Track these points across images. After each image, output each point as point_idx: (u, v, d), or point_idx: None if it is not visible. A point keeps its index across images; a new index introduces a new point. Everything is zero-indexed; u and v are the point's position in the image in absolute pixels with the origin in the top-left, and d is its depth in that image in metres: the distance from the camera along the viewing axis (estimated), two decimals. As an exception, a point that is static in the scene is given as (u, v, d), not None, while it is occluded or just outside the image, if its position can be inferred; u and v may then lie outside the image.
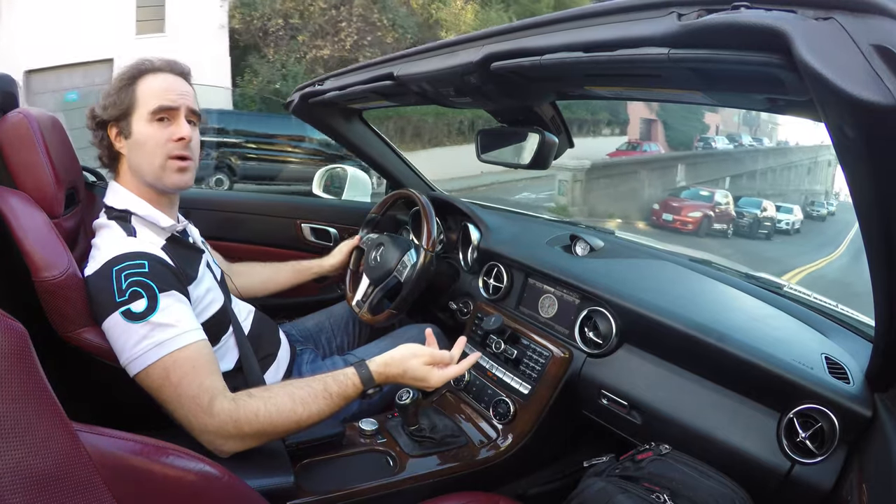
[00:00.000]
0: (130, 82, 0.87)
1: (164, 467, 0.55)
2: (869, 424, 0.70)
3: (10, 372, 0.40)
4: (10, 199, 0.82)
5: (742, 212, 11.49)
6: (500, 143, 1.10)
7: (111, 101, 0.87)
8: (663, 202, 11.04)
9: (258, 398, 0.77)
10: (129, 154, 0.88)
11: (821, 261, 9.68)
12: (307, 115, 1.44)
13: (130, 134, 0.87)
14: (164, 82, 0.88)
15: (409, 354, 0.87)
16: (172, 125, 0.87)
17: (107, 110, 0.87)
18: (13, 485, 0.39)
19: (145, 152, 0.87)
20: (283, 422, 0.77)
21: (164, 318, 0.75)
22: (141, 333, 0.74)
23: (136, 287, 0.75)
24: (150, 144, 0.86)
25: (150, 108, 0.86)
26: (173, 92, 0.88)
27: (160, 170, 0.87)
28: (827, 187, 17.12)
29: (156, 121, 0.86)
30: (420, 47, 0.92)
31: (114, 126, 0.88)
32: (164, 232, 0.89)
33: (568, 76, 0.76)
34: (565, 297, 1.11)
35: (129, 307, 0.74)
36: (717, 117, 17.32)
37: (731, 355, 0.82)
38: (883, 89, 0.36)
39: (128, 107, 0.86)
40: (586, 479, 0.80)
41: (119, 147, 0.89)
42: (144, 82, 0.87)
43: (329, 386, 0.81)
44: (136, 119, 0.86)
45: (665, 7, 0.51)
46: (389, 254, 1.27)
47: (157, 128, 0.86)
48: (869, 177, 0.44)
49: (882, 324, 0.62)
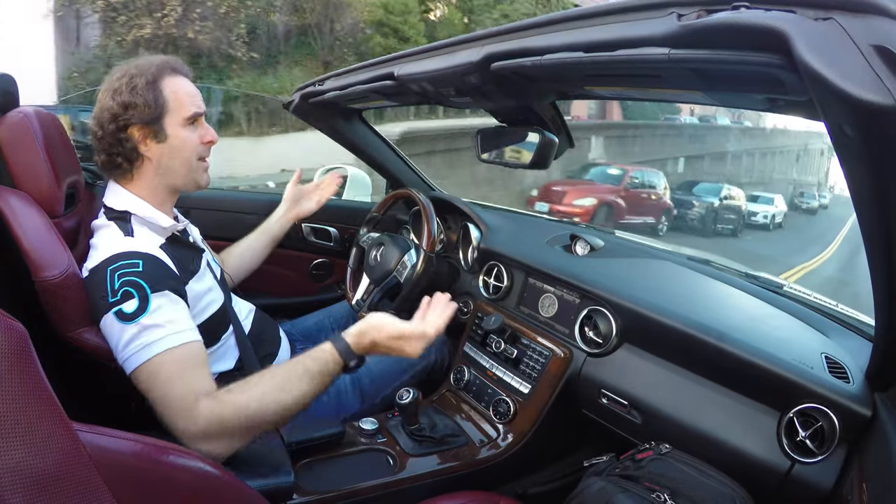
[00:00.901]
0: (155, 84, 0.85)
1: (164, 467, 0.55)
2: (869, 424, 0.70)
3: (10, 372, 0.40)
4: (10, 198, 0.82)
5: (691, 200, 9.32)
6: (500, 143, 1.10)
7: (141, 101, 0.83)
8: (543, 187, 7.89)
9: (238, 391, 0.75)
10: (159, 157, 0.87)
11: (805, 265, 7.86)
12: (307, 115, 1.44)
13: (166, 138, 0.86)
14: (187, 86, 0.89)
15: (375, 326, 0.83)
16: (200, 128, 0.90)
17: (133, 112, 0.84)
18: (13, 485, 0.39)
19: (183, 156, 0.88)
20: (270, 411, 0.74)
21: (154, 320, 0.75)
22: (131, 334, 0.74)
23: (128, 287, 0.75)
24: (187, 148, 0.88)
25: (186, 113, 0.87)
26: (198, 97, 0.90)
27: (194, 172, 0.90)
28: (820, 178, 15.26)
29: (189, 125, 0.88)
30: (420, 47, 0.93)
31: (143, 128, 0.85)
32: (164, 231, 0.89)
33: (568, 76, 0.76)
34: (565, 297, 1.11)
35: (121, 307, 0.74)
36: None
37: (731, 354, 0.82)
38: (883, 89, 0.36)
39: (161, 110, 0.85)
40: (586, 479, 0.80)
41: (144, 150, 0.86)
42: (168, 85, 0.86)
43: (308, 366, 0.78)
44: (170, 123, 0.86)
45: (665, 7, 0.51)
46: (389, 254, 1.27)
47: (190, 132, 0.88)
48: (869, 176, 0.44)
49: (882, 323, 0.62)
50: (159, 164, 0.87)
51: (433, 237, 1.24)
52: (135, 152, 0.86)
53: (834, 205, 12.75)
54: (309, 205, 1.26)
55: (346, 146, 1.58)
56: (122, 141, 0.85)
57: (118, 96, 0.84)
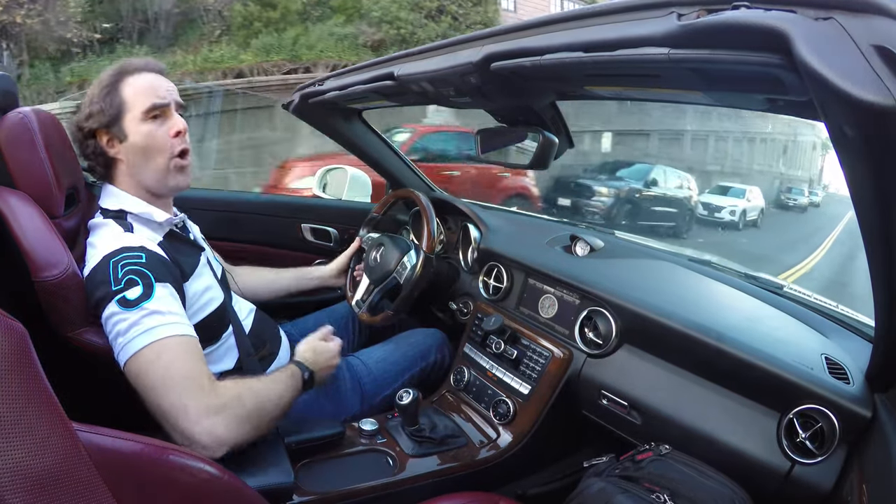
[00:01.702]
0: (113, 87, 0.87)
1: (164, 467, 0.55)
2: (869, 425, 0.70)
3: (10, 372, 0.40)
4: (10, 199, 0.82)
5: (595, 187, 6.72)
6: (500, 143, 1.10)
7: (97, 108, 0.86)
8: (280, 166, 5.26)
9: (238, 380, 0.80)
10: (127, 157, 0.88)
11: (794, 269, 6.20)
12: (307, 115, 1.44)
13: (126, 136, 0.87)
14: (147, 80, 0.88)
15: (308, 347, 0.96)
16: (167, 121, 0.88)
17: (93, 118, 0.87)
18: (13, 485, 0.39)
19: (147, 152, 0.87)
20: (270, 396, 0.79)
21: (157, 306, 0.75)
22: (133, 319, 0.73)
23: (131, 275, 0.75)
24: (151, 143, 0.87)
25: (142, 107, 0.86)
26: (161, 88, 0.89)
27: (164, 172, 0.89)
28: (812, 174, 12.89)
29: (150, 119, 0.87)
30: (420, 47, 0.93)
31: (104, 133, 0.87)
32: (161, 228, 0.89)
33: (568, 76, 0.76)
34: (565, 298, 1.11)
35: (125, 294, 0.74)
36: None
37: (731, 355, 0.82)
38: (883, 89, 0.36)
39: (117, 111, 0.86)
40: (586, 479, 0.80)
41: (114, 153, 0.88)
42: (128, 84, 0.87)
43: (281, 373, 0.86)
44: (128, 121, 0.86)
45: (665, 7, 0.51)
46: (389, 254, 1.27)
47: (153, 126, 0.87)
48: (869, 177, 0.44)
49: (882, 324, 0.62)
50: (130, 163, 0.88)
51: (433, 238, 1.24)
52: (104, 156, 0.88)
53: (827, 203, 10.97)
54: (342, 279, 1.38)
55: (346, 146, 1.58)
56: (90, 146, 0.88)
57: (84, 108, 0.88)
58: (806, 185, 11.94)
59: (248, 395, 0.76)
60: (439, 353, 1.27)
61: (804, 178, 12.53)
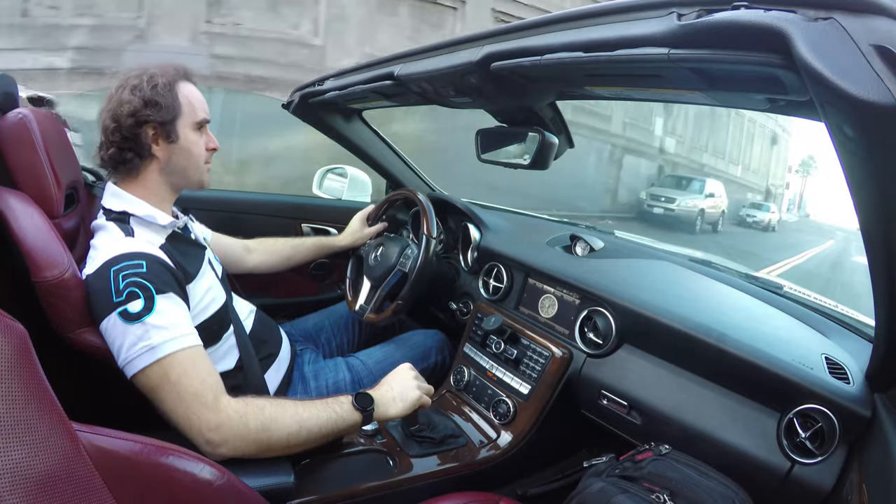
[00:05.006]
0: (172, 86, 0.88)
1: (164, 467, 0.55)
2: (869, 425, 0.70)
3: (10, 372, 0.40)
4: (10, 199, 0.82)
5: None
6: (500, 143, 1.10)
7: (161, 100, 0.86)
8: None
9: (259, 398, 0.79)
10: (168, 157, 0.89)
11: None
12: (307, 115, 1.44)
13: (178, 138, 0.89)
14: (198, 93, 0.92)
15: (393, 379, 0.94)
16: (205, 135, 0.94)
17: (155, 110, 0.86)
18: (13, 485, 0.39)
19: (192, 158, 0.91)
20: (286, 420, 0.77)
21: (159, 320, 0.75)
22: (137, 334, 0.74)
23: (133, 287, 0.75)
24: (196, 152, 0.92)
25: (197, 118, 0.91)
26: (206, 105, 0.94)
27: (200, 172, 0.94)
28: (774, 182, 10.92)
29: (197, 129, 0.91)
30: (420, 47, 0.93)
31: (156, 127, 0.87)
32: (163, 230, 0.89)
33: (568, 76, 0.76)
34: (565, 298, 1.11)
35: (126, 307, 0.74)
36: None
37: (731, 355, 0.82)
38: (883, 89, 0.36)
39: (177, 111, 0.88)
40: (586, 479, 0.80)
41: (156, 149, 0.88)
42: (182, 89, 0.89)
43: (329, 402, 0.84)
44: (182, 125, 0.89)
45: (665, 7, 0.51)
46: (390, 250, 1.27)
47: (198, 136, 0.92)
48: (869, 177, 0.44)
49: (882, 324, 0.62)
50: (167, 163, 0.90)
51: (432, 228, 1.24)
52: (146, 149, 0.88)
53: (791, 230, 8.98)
54: (365, 233, 1.42)
55: (346, 146, 1.58)
56: (137, 136, 0.86)
57: (138, 92, 0.85)
58: (765, 196, 11.23)
59: (254, 416, 0.76)
60: (440, 355, 1.27)
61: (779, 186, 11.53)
